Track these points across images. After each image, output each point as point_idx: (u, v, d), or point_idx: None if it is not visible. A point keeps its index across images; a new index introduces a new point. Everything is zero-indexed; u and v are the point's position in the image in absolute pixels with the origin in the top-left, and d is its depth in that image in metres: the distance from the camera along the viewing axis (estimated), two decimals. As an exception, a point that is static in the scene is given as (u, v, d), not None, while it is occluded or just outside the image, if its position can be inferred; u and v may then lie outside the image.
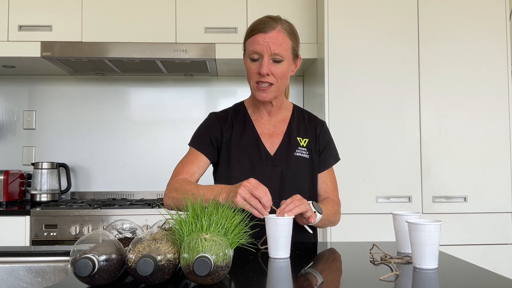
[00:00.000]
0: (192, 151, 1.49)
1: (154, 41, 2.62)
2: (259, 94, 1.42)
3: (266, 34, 1.36)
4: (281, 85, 1.43)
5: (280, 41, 1.37)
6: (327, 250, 1.39)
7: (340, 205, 1.55)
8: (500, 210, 2.41)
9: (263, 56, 1.37)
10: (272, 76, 1.39)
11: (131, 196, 3.02)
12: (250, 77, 1.42)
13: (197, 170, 1.45)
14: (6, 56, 2.63)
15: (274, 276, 1.03)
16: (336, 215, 1.50)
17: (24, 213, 2.40)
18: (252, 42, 1.39)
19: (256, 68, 1.39)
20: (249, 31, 1.41)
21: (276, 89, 1.42)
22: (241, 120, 1.52)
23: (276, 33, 1.37)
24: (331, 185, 1.55)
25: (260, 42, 1.36)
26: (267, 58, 1.37)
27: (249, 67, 1.41)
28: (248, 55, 1.40)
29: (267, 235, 1.17)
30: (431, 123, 2.44)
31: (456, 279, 1.00)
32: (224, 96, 3.13)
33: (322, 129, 1.55)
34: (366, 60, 2.44)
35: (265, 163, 1.45)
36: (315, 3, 2.71)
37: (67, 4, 2.69)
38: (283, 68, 1.39)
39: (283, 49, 1.37)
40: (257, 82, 1.40)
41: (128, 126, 3.09)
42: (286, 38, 1.39)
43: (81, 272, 0.83)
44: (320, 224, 1.40)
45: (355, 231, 2.32)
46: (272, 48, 1.36)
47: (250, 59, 1.40)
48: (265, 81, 1.39)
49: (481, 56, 2.46)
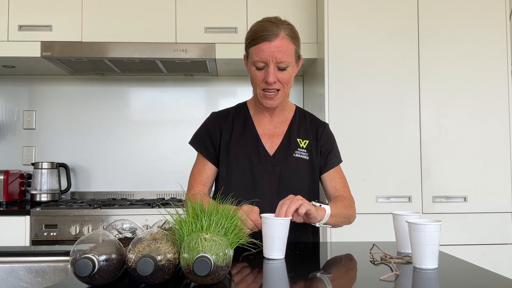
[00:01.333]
0: (199, 159, 1.54)
1: (154, 41, 2.61)
2: (266, 102, 1.43)
3: (271, 42, 1.35)
4: (287, 89, 1.44)
5: (284, 48, 1.36)
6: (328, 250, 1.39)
7: (353, 200, 1.50)
8: (500, 210, 2.41)
9: (268, 65, 1.37)
10: (278, 83, 1.39)
11: (131, 196, 3.02)
12: (256, 84, 1.42)
13: (206, 179, 1.52)
14: (6, 56, 2.63)
15: (273, 276, 1.03)
16: (349, 210, 1.45)
17: (24, 213, 2.40)
18: (257, 51, 1.37)
19: (262, 76, 1.39)
20: (252, 38, 1.39)
21: (282, 94, 1.43)
22: (242, 120, 1.53)
23: (280, 40, 1.36)
24: (340, 182, 1.52)
25: (265, 51, 1.36)
26: (273, 67, 1.37)
27: (255, 75, 1.41)
28: (253, 63, 1.40)
29: (263, 234, 1.18)
30: (431, 123, 2.43)
31: (456, 279, 1.00)
32: (224, 96, 3.12)
33: (323, 131, 1.55)
34: (366, 60, 2.44)
35: (263, 163, 1.46)
36: (315, 3, 2.71)
37: (67, 4, 2.69)
38: (288, 73, 1.40)
39: (287, 56, 1.37)
40: (264, 90, 1.41)
41: (128, 126, 3.09)
42: (290, 44, 1.38)
43: (81, 272, 0.83)
44: (332, 222, 1.35)
45: (355, 231, 2.31)
46: (277, 57, 1.36)
47: (255, 67, 1.40)
48: (272, 88, 1.39)
49: (481, 56, 2.46)
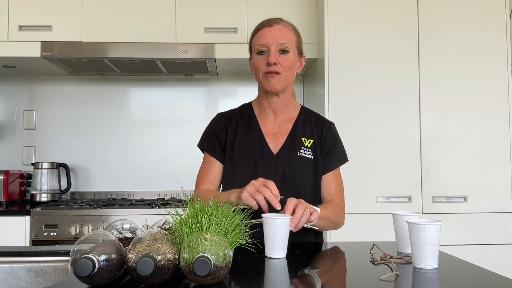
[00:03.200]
0: (206, 158, 1.54)
1: (154, 41, 2.62)
2: (268, 81, 1.44)
3: (272, 27, 1.44)
4: (289, 75, 1.46)
5: (285, 33, 1.45)
6: (328, 250, 1.39)
7: (343, 208, 1.51)
8: (500, 210, 2.41)
9: (270, 48, 1.43)
10: (279, 66, 1.43)
11: (131, 196, 3.02)
12: (258, 69, 1.46)
13: (214, 178, 1.51)
14: (6, 56, 2.63)
15: (273, 276, 1.03)
16: (338, 217, 1.46)
17: (24, 213, 2.40)
18: (259, 36, 1.46)
19: (264, 60, 1.44)
20: (255, 30, 1.48)
21: (284, 78, 1.45)
22: (247, 120, 1.54)
23: (281, 26, 1.45)
24: (335, 188, 1.51)
25: (266, 35, 1.43)
26: (274, 49, 1.43)
27: (257, 61, 1.46)
28: (255, 49, 1.46)
29: (264, 234, 1.17)
30: (431, 123, 2.43)
31: (456, 279, 1.00)
32: (224, 96, 3.12)
33: (329, 130, 1.54)
34: (366, 60, 2.44)
35: (267, 162, 1.46)
36: (315, 3, 2.71)
37: (67, 4, 2.69)
38: (290, 58, 1.45)
39: (288, 40, 1.44)
40: (265, 73, 1.44)
41: (128, 126, 3.09)
42: (290, 31, 1.47)
43: (81, 272, 0.83)
44: (320, 225, 1.37)
45: (355, 231, 2.32)
46: (278, 39, 1.43)
47: (257, 53, 1.45)
48: (273, 70, 1.42)
49: (481, 56, 2.46)
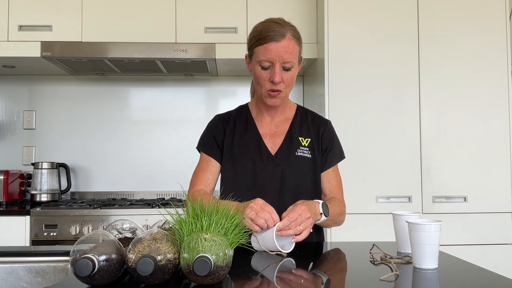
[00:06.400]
0: (203, 157, 1.53)
1: (154, 41, 2.61)
2: (270, 100, 1.44)
3: (278, 43, 1.36)
4: (289, 90, 1.46)
5: (291, 49, 1.38)
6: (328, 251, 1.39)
7: (345, 205, 1.54)
8: (500, 210, 2.41)
9: (274, 65, 1.38)
10: (282, 83, 1.40)
11: (131, 196, 3.02)
12: (261, 84, 1.42)
13: (210, 177, 1.50)
14: (6, 56, 2.63)
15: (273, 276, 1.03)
16: (341, 216, 1.49)
17: (24, 213, 2.40)
18: (264, 50, 1.38)
19: (268, 76, 1.40)
20: (258, 38, 1.39)
21: (284, 95, 1.45)
22: (244, 121, 1.54)
23: (287, 41, 1.37)
24: (336, 185, 1.54)
25: (273, 51, 1.36)
26: (279, 66, 1.38)
27: (260, 75, 1.41)
28: (259, 62, 1.40)
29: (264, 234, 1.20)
30: (431, 123, 2.43)
31: (456, 279, 1.00)
32: (224, 96, 3.12)
33: (325, 128, 1.55)
34: (366, 60, 2.44)
35: (266, 163, 1.46)
36: (315, 3, 2.71)
37: (67, 4, 2.69)
38: (292, 74, 1.42)
39: (293, 57, 1.39)
40: (269, 90, 1.41)
41: (128, 126, 3.09)
42: (295, 45, 1.40)
43: (81, 272, 0.83)
44: (324, 224, 1.40)
45: (355, 231, 2.32)
46: (284, 57, 1.37)
47: (261, 67, 1.40)
48: (276, 89, 1.40)
49: (481, 56, 2.46)
